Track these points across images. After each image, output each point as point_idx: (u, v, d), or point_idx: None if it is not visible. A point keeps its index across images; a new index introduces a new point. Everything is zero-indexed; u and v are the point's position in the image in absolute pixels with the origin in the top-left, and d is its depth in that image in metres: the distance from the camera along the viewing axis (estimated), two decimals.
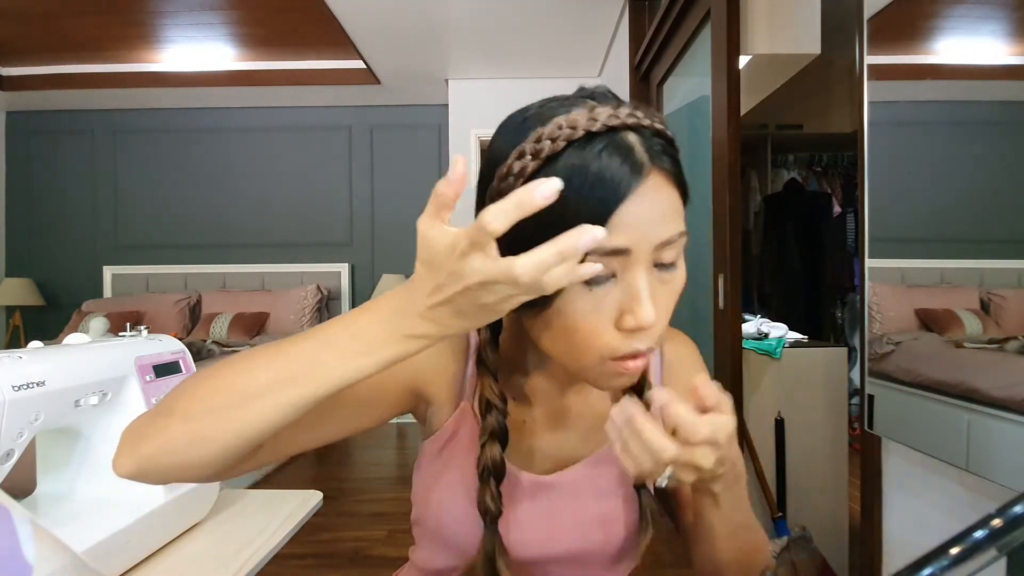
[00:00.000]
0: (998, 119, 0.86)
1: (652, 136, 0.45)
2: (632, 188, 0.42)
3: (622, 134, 0.44)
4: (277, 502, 0.91)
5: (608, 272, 0.44)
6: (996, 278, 0.85)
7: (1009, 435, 0.77)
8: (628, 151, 0.43)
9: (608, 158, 0.42)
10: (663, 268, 0.46)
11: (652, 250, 0.44)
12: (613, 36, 3.16)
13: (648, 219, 0.44)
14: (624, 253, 0.43)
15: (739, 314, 1.71)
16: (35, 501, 0.73)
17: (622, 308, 0.44)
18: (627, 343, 0.45)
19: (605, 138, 0.43)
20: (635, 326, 0.43)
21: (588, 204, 0.42)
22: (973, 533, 0.35)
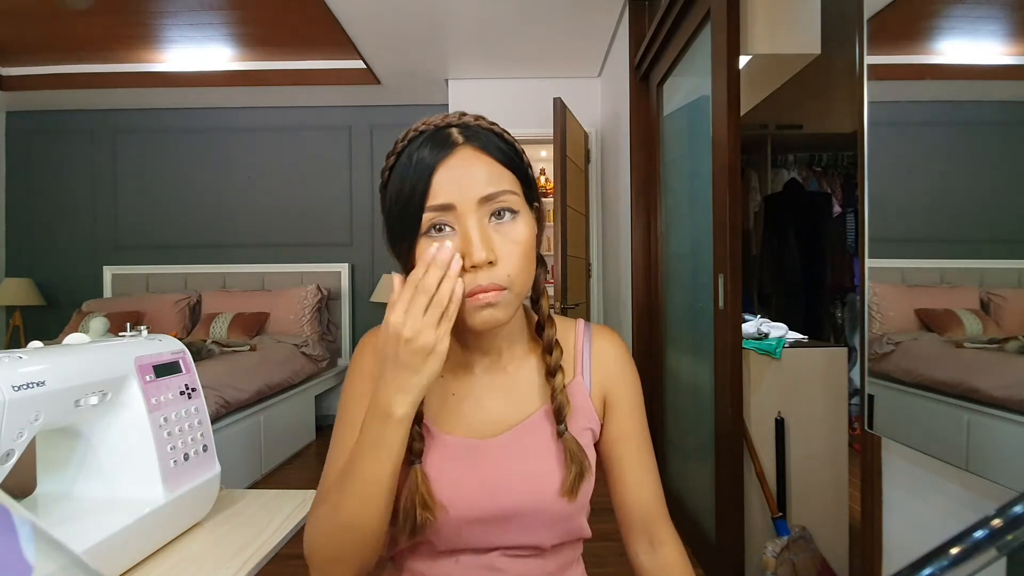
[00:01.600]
0: (998, 119, 0.86)
1: (474, 127, 0.61)
2: (442, 159, 0.58)
3: (444, 129, 0.60)
4: (277, 502, 0.91)
5: (444, 223, 0.58)
6: (996, 278, 0.85)
7: (1009, 435, 0.77)
8: (443, 137, 0.59)
9: (425, 145, 0.59)
10: (499, 219, 0.59)
11: (476, 204, 0.57)
12: (613, 36, 3.16)
13: (461, 180, 0.57)
14: (451, 208, 0.57)
15: (739, 314, 1.71)
16: (35, 501, 0.73)
17: (462, 252, 0.56)
18: (471, 279, 0.57)
19: (429, 132, 0.60)
20: (471, 263, 0.56)
21: (414, 179, 0.58)
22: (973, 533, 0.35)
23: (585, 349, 0.71)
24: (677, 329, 2.37)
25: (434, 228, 0.58)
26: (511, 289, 0.58)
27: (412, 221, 0.58)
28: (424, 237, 0.58)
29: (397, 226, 0.59)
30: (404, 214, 0.58)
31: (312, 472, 3.20)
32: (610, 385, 0.71)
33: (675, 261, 2.39)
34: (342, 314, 4.31)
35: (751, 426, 1.84)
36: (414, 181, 0.57)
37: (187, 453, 0.80)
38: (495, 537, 0.64)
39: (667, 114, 2.48)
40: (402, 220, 0.58)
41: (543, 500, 0.63)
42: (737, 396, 1.71)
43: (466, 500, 0.62)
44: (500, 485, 0.63)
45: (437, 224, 0.58)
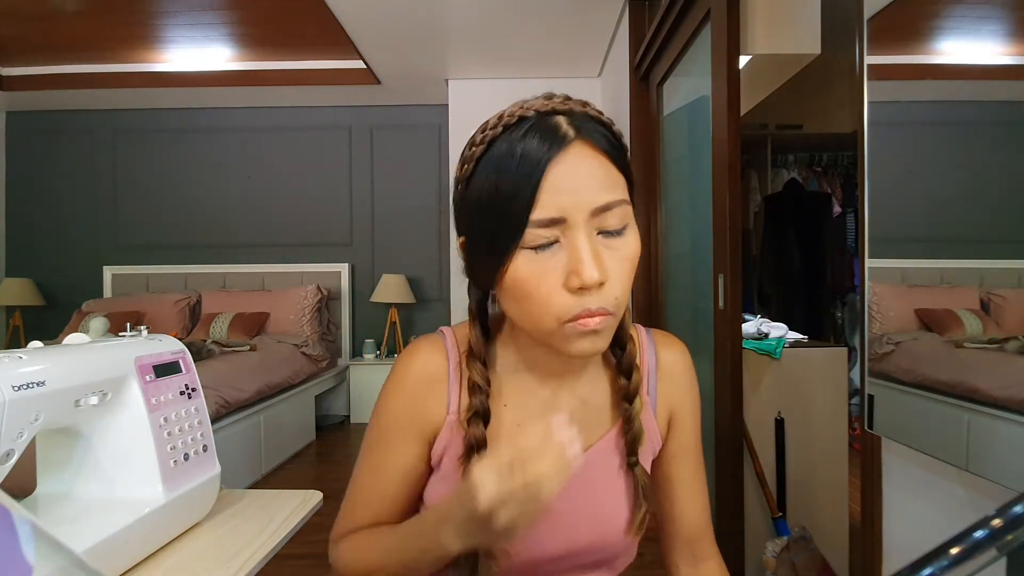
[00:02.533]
0: (998, 119, 0.85)
1: (582, 117, 0.50)
2: (554, 157, 0.48)
3: (551, 117, 0.50)
4: (277, 502, 0.90)
5: (550, 239, 0.49)
6: (996, 278, 0.85)
7: (1009, 435, 0.77)
8: (551, 128, 0.49)
9: (531, 137, 0.48)
10: (608, 235, 0.50)
11: (589, 216, 0.49)
12: (613, 36, 3.16)
13: (574, 185, 0.48)
14: (560, 222, 0.48)
15: (739, 314, 1.71)
16: (35, 501, 0.73)
17: (567, 271, 0.49)
18: (577, 303, 0.49)
19: (532, 120, 0.49)
20: (579, 284, 0.48)
21: (517, 183, 0.48)
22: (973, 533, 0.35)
23: (651, 364, 0.65)
24: (677, 329, 2.38)
25: (539, 247, 0.49)
26: (616, 314, 0.51)
27: (511, 234, 0.48)
28: (523, 252, 0.49)
29: (486, 236, 0.50)
30: (501, 224, 0.48)
31: (312, 472, 3.20)
32: (675, 404, 0.66)
33: (675, 261, 2.39)
34: (342, 314, 4.31)
35: (751, 426, 1.84)
36: (516, 184, 0.48)
37: (187, 453, 0.79)
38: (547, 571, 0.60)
39: (667, 114, 2.48)
40: (497, 231, 0.49)
41: (610, 538, 0.60)
42: (737, 396, 1.71)
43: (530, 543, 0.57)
44: (566, 525, 0.58)
45: (544, 243, 0.49)
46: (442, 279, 4.34)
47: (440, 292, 4.34)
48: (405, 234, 4.36)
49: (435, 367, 0.60)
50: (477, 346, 0.58)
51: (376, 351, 4.18)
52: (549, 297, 0.49)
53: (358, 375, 4.09)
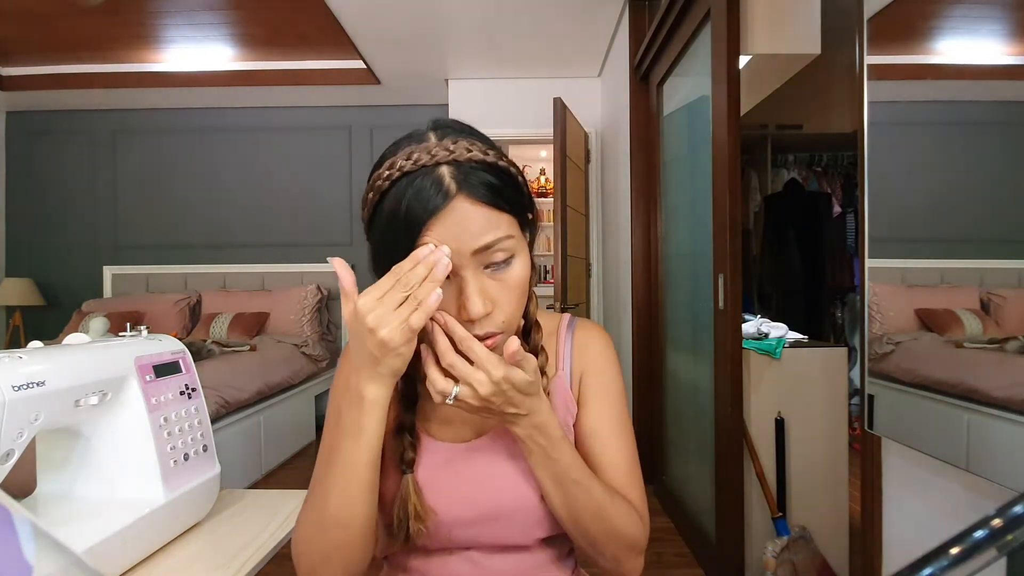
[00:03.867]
0: (998, 119, 0.86)
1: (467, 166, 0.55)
2: (434, 215, 0.53)
3: (437, 169, 0.54)
4: (277, 502, 0.91)
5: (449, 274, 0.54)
6: (996, 278, 0.85)
7: (1009, 435, 0.77)
8: (434, 183, 0.54)
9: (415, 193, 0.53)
10: (496, 266, 0.56)
11: (470, 256, 0.54)
12: (613, 36, 3.16)
13: (453, 235, 0.54)
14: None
15: (739, 314, 1.71)
16: (35, 501, 0.73)
17: (458, 305, 0.56)
18: (472, 329, 0.55)
19: (419, 175, 0.54)
20: (467, 318, 0.55)
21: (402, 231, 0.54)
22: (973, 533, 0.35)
23: (566, 342, 0.71)
24: (677, 329, 2.37)
25: None
26: (506, 332, 0.57)
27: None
28: None
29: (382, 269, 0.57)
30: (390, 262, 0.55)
31: (312, 472, 3.20)
32: (585, 365, 0.71)
33: (675, 261, 2.39)
34: (342, 314, 4.30)
35: (751, 426, 1.84)
36: (401, 233, 0.54)
37: (187, 453, 0.80)
38: (484, 536, 0.64)
39: (667, 114, 2.48)
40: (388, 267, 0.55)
41: (528, 500, 0.63)
42: (737, 396, 1.71)
43: (454, 504, 0.63)
44: (485, 487, 0.63)
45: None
46: None
47: None
48: None
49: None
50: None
51: None
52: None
53: None
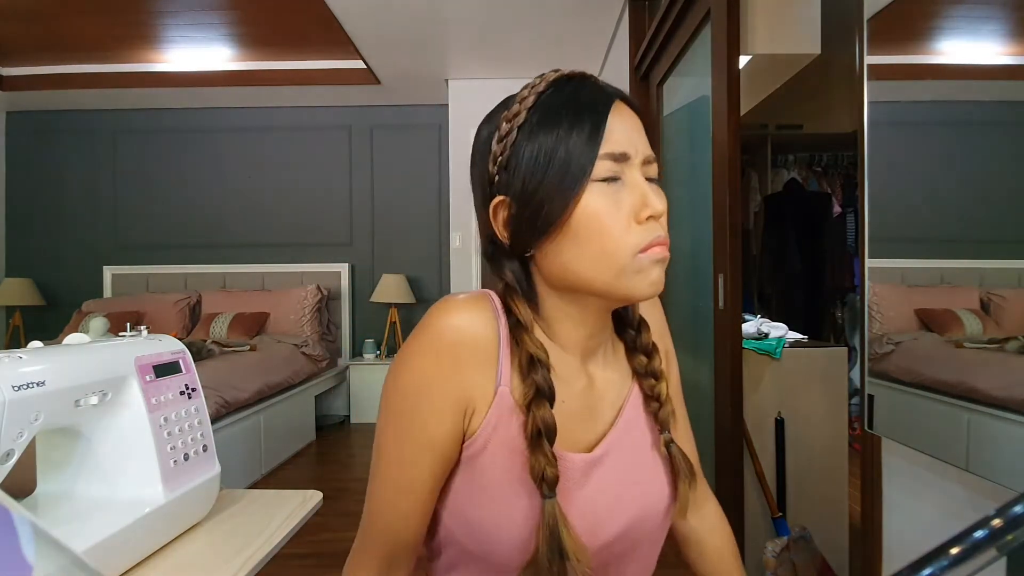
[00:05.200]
0: (998, 119, 0.85)
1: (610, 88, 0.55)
2: (610, 106, 0.52)
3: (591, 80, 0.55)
4: (277, 502, 0.90)
5: (618, 173, 0.51)
6: (996, 278, 0.85)
7: (1009, 435, 0.77)
8: (598, 86, 0.54)
9: (582, 90, 0.53)
10: (652, 182, 0.53)
11: (642, 161, 0.52)
12: (613, 36, 3.16)
13: (631, 131, 0.52)
14: (625, 158, 0.51)
15: (739, 314, 1.71)
16: (35, 501, 0.73)
17: (634, 205, 0.51)
18: (649, 231, 0.51)
19: (571, 82, 0.54)
20: (650, 213, 0.51)
21: (585, 121, 0.50)
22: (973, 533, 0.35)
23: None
24: (677, 329, 2.37)
25: (608, 179, 0.50)
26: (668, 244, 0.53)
27: (584, 166, 0.49)
28: (594, 185, 0.50)
29: (551, 180, 0.50)
30: (570, 162, 0.49)
31: (312, 472, 3.20)
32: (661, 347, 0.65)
33: (675, 261, 2.38)
34: (342, 314, 4.31)
35: (751, 426, 1.84)
36: (584, 121, 0.50)
37: (187, 453, 0.80)
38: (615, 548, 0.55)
39: (667, 114, 2.48)
40: (566, 169, 0.49)
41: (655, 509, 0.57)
42: (737, 396, 1.71)
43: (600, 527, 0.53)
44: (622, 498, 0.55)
45: (612, 175, 0.50)
46: (442, 279, 4.34)
47: (440, 292, 4.34)
48: (405, 234, 4.36)
49: (483, 330, 0.52)
50: (526, 316, 0.53)
51: (376, 351, 4.18)
52: (623, 229, 0.50)
53: (358, 375, 4.09)
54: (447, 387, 0.50)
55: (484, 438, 0.51)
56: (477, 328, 0.52)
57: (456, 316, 0.52)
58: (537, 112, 0.52)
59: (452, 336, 0.51)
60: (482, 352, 0.52)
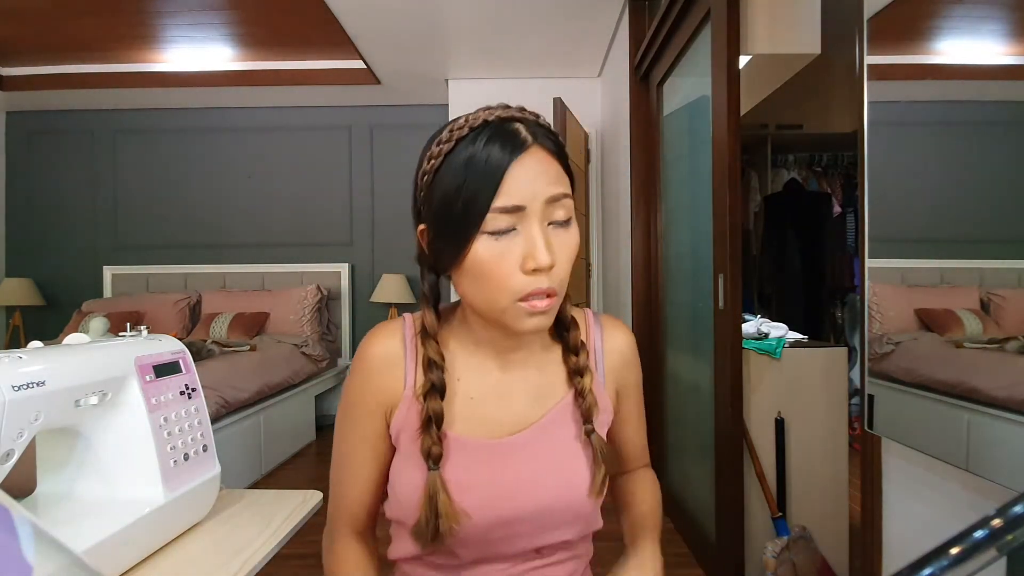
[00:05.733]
0: (998, 119, 0.85)
1: (535, 125, 0.59)
2: (516, 157, 0.55)
3: (510, 124, 0.58)
4: (277, 502, 0.90)
5: (509, 226, 0.56)
6: (996, 278, 0.85)
7: (1009, 435, 0.77)
8: (512, 133, 0.57)
9: (495, 140, 0.56)
10: (556, 225, 0.58)
11: (543, 206, 0.56)
12: (613, 36, 3.16)
13: (534, 179, 0.56)
14: (520, 210, 0.56)
15: (739, 314, 1.71)
16: (35, 501, 0.73)
17: (523, 255, 0.56)
18: (531, 282, 0.56)
19: (495, 125, 0.57)
20: (534, 266, 0.55)
21: (483, 177, 0.55)
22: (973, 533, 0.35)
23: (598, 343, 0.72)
24: (677, 329, 2.37)
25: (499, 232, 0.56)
26: (560, 294, 0.59)
27: (476, 219, 0.55)
28: (484, 236, 0.56)
29: (451, 223, 0.57)
30: (468, 211, 0.55)
31: (312, 472, 3.20)
32: (621, 379, 0.73)
33: (675, 261, 2.39)
34: (342, 314, 4.31)
35: (751, 426, 1.84)
36: (482, 179, 0.55)
37: (187, 453, 0.80)
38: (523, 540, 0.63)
39: (667, 114, 2.48)
40: (462, 217, 0.56)
41: (573, 499, 0.63)
42: (737, 396, 1.71)
43: (493, 503, 0.61)
44: (529, 482, 0.62)
45: (504, 228, 0.56)
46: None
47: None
48: (405, 234, 4.36)
49: (392, 347, 0.66)
50: (431, 325, 0.65)
51: None
52: (506, 277, 0.56)
53: None
54: (368, 396, 0.65)
55: (398, 426, 0.65)
56: (387, 347, 0.66)
57: (371, 342, 0.67)
58: (450, 159, 0.57)
59: (368, 358, 0.66)
60: (391, 364, 0.66)
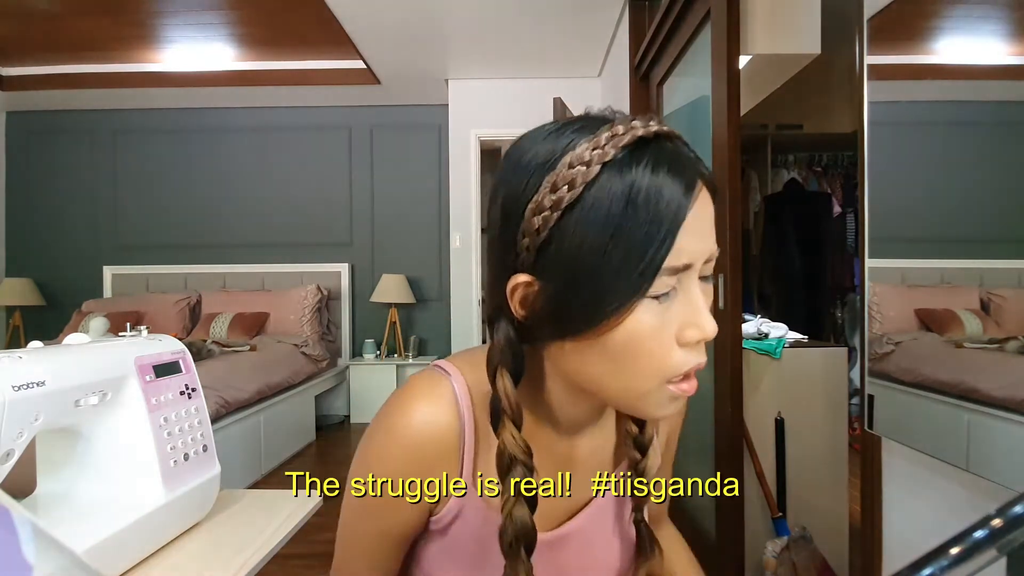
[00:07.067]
0: (998, 119, 0.85)
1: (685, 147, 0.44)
2: (691, 201, 0.41)
3: (669, 143, 0.43)
4: (277, 502, 0.90)
5: (672, 286, 0.42)
6: (996, 278, 0.85)
7: (1009, 435, 0.77)
8: (681, 160, 0.42)
9: (665, 168, 0.41)
10: (704, 280, 0.45)
11: (704, 263, 0.44)
12: (613, 36, 3.16)
13: (703, 233, 0.43)
14: (687, 269, 0.42)
15: (739, 314, 1.70)
16: (35, 501, 0.73)
17: (683, 323, 0.43)
18: (689, 358, 0.44)
19: (653, 151, 0.41)
20: (700, 338, 0.43)
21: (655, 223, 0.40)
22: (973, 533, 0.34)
23: None
24: None
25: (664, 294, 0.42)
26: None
27: (640, 280, 0.41)
28: (647, 301, 0.42)
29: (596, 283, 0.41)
30: (628, 269, 0.40)
31: (312, 472, 3.19)
32: (671, 432, 0.64)
33: None
34: (342, 314, 4.31)
35: (751, 426, 1.84)
36: (654, 225, 0.40)
37: (187, 453, 0.79)
38: None
39: (667, 114, 2.48)
40: (618, 276, 0.41)
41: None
42: (737, 396, 1.71)
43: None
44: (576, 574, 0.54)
45: (669, 289, 0.42)
46: (442, 279, 4.34)
47: (440, 292, 4.34)
48: (405, 234, 4.36)
49: (444, 421, 0.48)
50: (511, 405, 0.47)
51: (376, 351, 4.18)
52: (664, 352, 0.43)
53: (358, 375, 4.09)
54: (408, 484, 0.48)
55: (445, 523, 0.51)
56: (438, 422, 0.48)
57: (415, 414, 0.48)
58: (595, 192, 0.41)
59: (412, 438, 0.48)
60: (444, 449, 0.49)
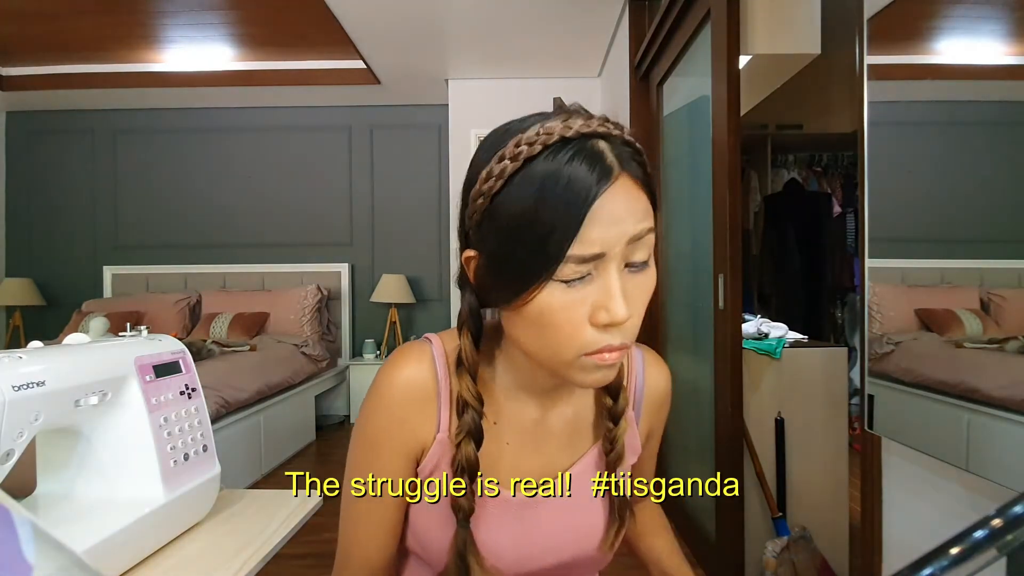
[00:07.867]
0: (998, 119, 0.85)
1: (621, 144, 0.48)
2: (601, 191, 0.45)
3: (593, 141, 0.47)
4: (277, 502, 0.90)
5: (586, 272, 0.47)
6: (996, 278, 0.85)
7: (1009, 435, 0.77)
8: (598, 156, 0.46)
9: (579, 163, 0.45)
10: (634, 268, 0.49)
11: (624, 248, 0.47)
12: (613, 36, 3.16)
13: (619, 221, 0.46)
14: (599, 257, 0.46)
15: (739, 314, 1.71)
16: (35, 501, 0.73)
17: (596, 305, 0.47)
18: (601, 338, 0.48)
19: (576, 144, 0.46)
20: (608, 321, 0.47)
21: (559, 215, 0.45)
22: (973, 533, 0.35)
23: (640, 380, 0.66)
24: (677, 329, 2.37)
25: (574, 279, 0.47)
26: (630, 346, 0.51)
27: (546, 264, 0.46)
28: (553, 283, 0.46)
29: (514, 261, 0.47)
30: (536, 252, 0.46)
31: (312, 472, 3.19)
32: (655, 420, 0.69)
33: (675, 261, 2.38)
34: (342, 314, 4.31)
35: (751, 426, 1.84)
36: (559, 214, 0.45)
37: (187, 453, 0.80)
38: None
39: (667, 114, 2.48)
40: (529, 257, 0.46)
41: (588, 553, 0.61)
42: (737, 396, 1.71)
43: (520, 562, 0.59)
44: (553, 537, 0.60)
45: (580, 274, 0.46)
46: (442, 279, 4.34)
47: (440, 292, 4.34)
48: (405, 234, 4.36)
49: (422, 381, 0.56)
50: (468, 359, 0.55)
51: (376, 351, 4.18)
52: (574, 330, 0.48)
53: (358, 375, 4.08)
54: (396, 436, 0.57)
55: (427, 471, 0.58)
56: (417, 379, 0.57)
57: (397, 371, 0.57)
58: (515, 182, 0.47)
59: (395, 391, 0.56)
60: (423, 399, 0.57)
